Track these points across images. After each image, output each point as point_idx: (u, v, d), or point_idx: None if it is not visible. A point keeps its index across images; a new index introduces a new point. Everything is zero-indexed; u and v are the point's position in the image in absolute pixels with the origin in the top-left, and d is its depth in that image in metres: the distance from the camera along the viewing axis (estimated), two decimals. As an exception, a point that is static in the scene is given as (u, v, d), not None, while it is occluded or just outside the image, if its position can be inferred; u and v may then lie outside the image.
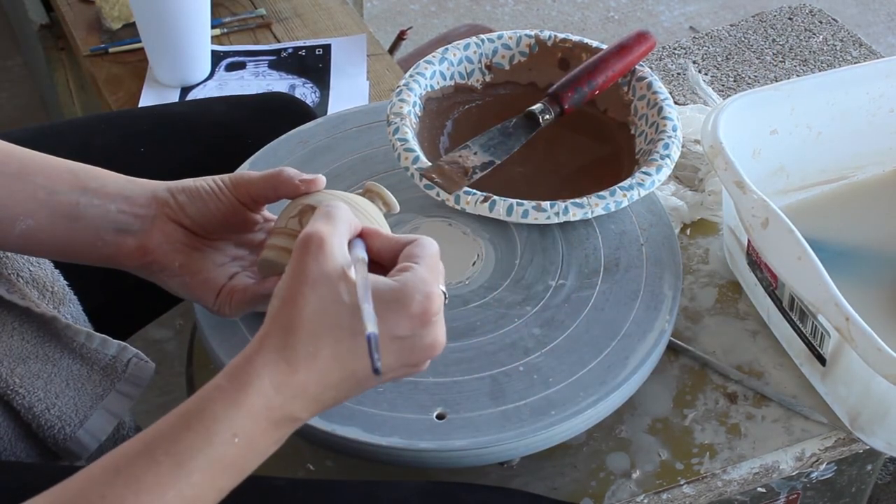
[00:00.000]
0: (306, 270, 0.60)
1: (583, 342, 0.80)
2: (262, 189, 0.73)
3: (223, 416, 0.57)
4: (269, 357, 0.59)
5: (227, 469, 0.58)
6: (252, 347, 0.60)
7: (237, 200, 0.73)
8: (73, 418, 0.77)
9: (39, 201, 0.71)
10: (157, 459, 0.56)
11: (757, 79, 2.14)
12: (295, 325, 0.59)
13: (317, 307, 0.59)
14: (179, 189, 0.73)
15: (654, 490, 0.81)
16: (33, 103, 2.15)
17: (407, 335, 0.61)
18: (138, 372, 0.79)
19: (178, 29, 1.30)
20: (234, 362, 0.59)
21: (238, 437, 0.57)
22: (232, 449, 0.57)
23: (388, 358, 0.61)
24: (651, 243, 0.88)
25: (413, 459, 0.74)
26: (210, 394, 0.58)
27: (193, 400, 0.58)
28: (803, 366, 0.87)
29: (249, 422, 0.58)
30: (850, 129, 0.97)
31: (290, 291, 0.60)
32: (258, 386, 0.58)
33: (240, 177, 0.74)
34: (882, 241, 0.96)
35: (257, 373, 0.58)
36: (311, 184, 0.72)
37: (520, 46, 0.98)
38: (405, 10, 2.50)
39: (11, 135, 0.82)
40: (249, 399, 0.58)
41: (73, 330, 0.77)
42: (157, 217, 0.73)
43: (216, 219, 0.73)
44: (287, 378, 0.59)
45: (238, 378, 0.58)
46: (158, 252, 0.73)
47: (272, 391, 0.58)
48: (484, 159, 0.88)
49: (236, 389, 0.58)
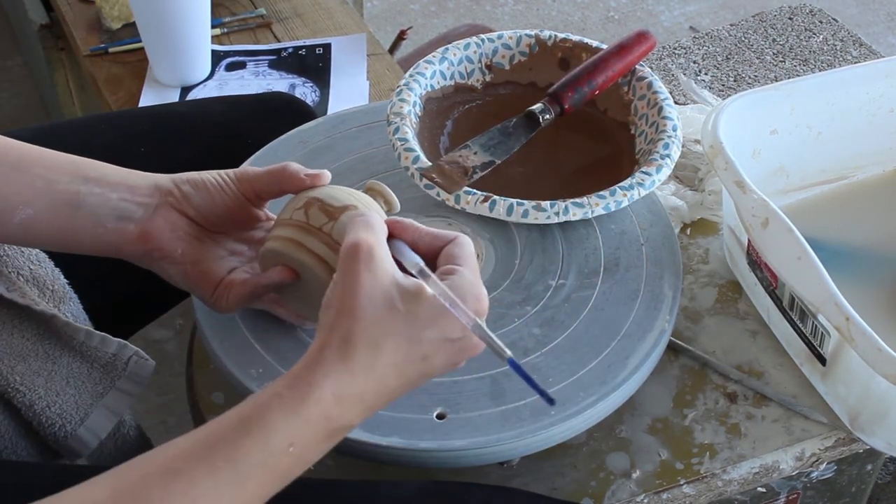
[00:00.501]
0: (360, 280, 0.60)
1: (583, 342, 0.80)
2: (267, 184, 0.73)
3: (282, 425, 0.57)
4: (330, 368, 0.59)
5: (279, 478, 0.58)
6: (311, 357, 0.60)
7: (242, 195, 0.74)
8: (74, 416, 0.77)
9: (38, 190, 0.71)
10: (216, 464, 0.56)
11: (757, 79, 2.14)
12: (354, 335, 0.59)
13: (374, 317, 0.59)
14: (184, 180, 0.73)
15: (654, 490, 0.81)
16: (33, 103, 2.15)
17: (459, 336, 0.62)
18: (138, 370, 0.79)
19: (178, 29, 1.30)
20: (293, 371, 0.59)
21: (294, 446, 0.57)
22: (286, 458, 0.58)
23: (441, 358, 0.62)
24: (651, 243, 0.88)
25: (413, 459, 0.74)
26: (269, 401, 0.58)
27: (252, 405, 0.58)
28: (803, 366, 0.87)
29: (307, 432, 0.58)
30: (850, 129, 0.97)
31: (346, 302, 0.60)
32: (318, 396, 0.58)
33: (244, 171, 0.74)
34: (882, 241, 0.96)
35: (318, 383, 0.58)
36: (316, 178, 0.73)
37: (520, 46, 0.98)
38: (405, 10, 2.50)
39: (12, 135, 0.82)
40: (309, 409, 0.58)
41: (73, 328, 0.77)
42: (161, 205, 0.73)
43: (220, 212, 0.74)
44: (347, 388, 0.59)
45: (298, 388, 0.58)
46: (161, 239, 0.73)
47: (332, 401, 0.58)
48: (484, 159, 0.88)
49: (297, 399, 0.58)
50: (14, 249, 0.79)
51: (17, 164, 0.71)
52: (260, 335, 0.79)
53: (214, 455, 0.56)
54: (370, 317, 0.59)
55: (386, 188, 0.74)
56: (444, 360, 0.62)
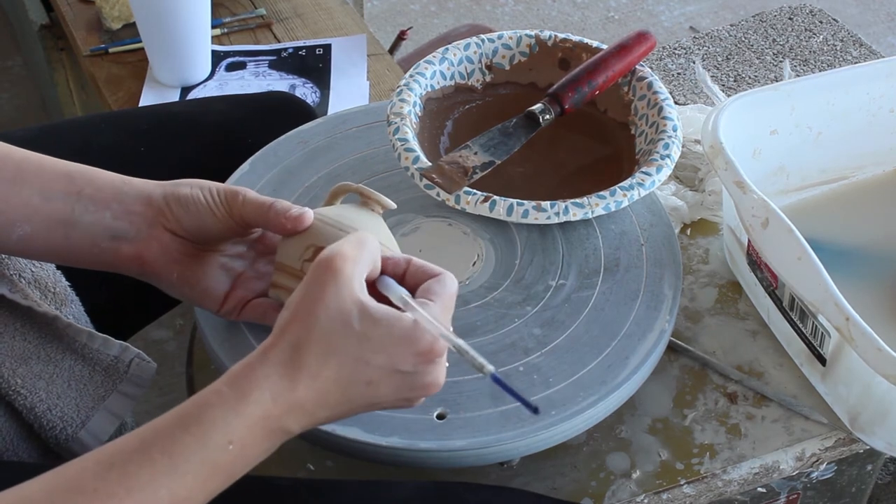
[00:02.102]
0: (323, 291, 0.60)
1: (583, 342, 0.80)
2: (254, 219, 0.72)
3: (221, 423, 0.58)
4: (273, 369, 0.59)
5: (219, 473, 0.58)
6: (256, 357, 0.60)
7: (230, 218, 0.73)
8: (75, 419, 0.77)
9: (34, 208, 0.71)
10: (153, 458, 0.56)
11: (757, 79, 2.14)
12: (303, 343, 0.59)
13: (328, 329, 0.59)
14: (174, 197, 0.72)
15: (654, 490, 0.81)
16: (33, 103, 2.15)
17: (409, 371, 0.62)
18: (140, 372, 0.79)
19: (178, 29, 1.30)
20: (235, 369, 0.60)
21: (233, 443, 0.58)
22: (225, 455, 0.58)
23: (386, 389, 0.62)
24: (651, 243, 0.88)
25: (413, 459, 0.74)
26: (209, 398, 0.58)
27: (192, 402, 0.59)
28: (803, 366, 0.87)
29: (245, 430, 0.58)
30: (850, 129, 0.97)
31: (304, 309, 0.60)
32: (258, 396, 0.58)
33: (234, 196, 0.72)
34: (882, 241, 0.96)
35: (259, 384, 0.59)
36: (296, 221, 0.71)
37: (520, 46, 0.98)
38: (405, 10, 2.50)
39: (12, 135, 0.82)
40: (248, 408, 0.58)
41: (75, 330, 0.77)
42: (153, 225, 0.73)
43: (210, 230, 0.73)
44: (287, 393, 0.59)
45: (239, 386, 0.59)
46: (156, 264, 0.73)
47: (271, 403, 0.59)
48: (484, 159, 0.88)
49: (236, 397, 0.58)
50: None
51: (13, 179, 0.71)
52: (260, 336, 0.79)
53: (151, 448, 0.56)
54: (323, 328, 0.59)
55: (375, 193, 0.74)
56: (392, 392, 0.62)
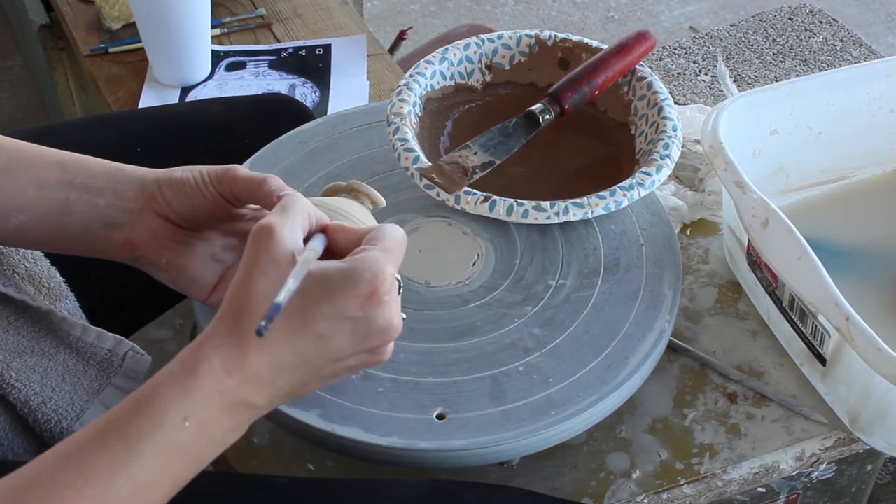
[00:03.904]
0: (258, 257, 0.60)
1: (583, 342, 0.80)
2: (243, 191, 0.72)
3: (173, 400, 0.58)
4: (220, 340, 0.59)
5: (179, 454, 0.58)
6: (205, 333, 0.60)
7: (221, 196, 0.73)
8: (70, 412, 0.77)
9: (29, 197, 0.72)
10: (108, 444, 0.56)
11: (757, 79, 2.14)
12: (245, 308, 0.60)
13: (266, 291, 0.60)
14: (167, 182, 0.73)
15: (654, 490, 0.81)
16: (33, 103, 2.15)
17: (358, 316, 0.61)
18: (134, 365, 0.79)
19: (178, 29, 1.30)
20: (186, 349, 0.60)
21: (189, 420, 0.58)
22: (183, 433, 0.58)
23: (342, 340, 0.61)
24: (651, 243, 0.88)
25: (413, 459, 0.74)
26: (161, 379, 0.59)
27: (146, 386, 0.59)
28: (803, 366, 0.87)
29: (200, 405, 0.58)
30: (850, 129, 0.97)
31: (242, 277, 0.61)
32: (207, 368, 0.58)
33: (225, 172, 0.73)
34: (882, 240, 0.96)
35: (207, 356, 0.59)
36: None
37: (520, 46, 0.98)
38: (405, 10, 2.50)
39: (12, 136, 0.82)
40: (199, 382, 0.58)
41: (69, 323, 0.77)
42: (144, 210, 0.73)
43: (200, 213, 0.73)
44: (238, 361, 0.59)
45: (188, 362, 0.59)
46: (145, 248, 0.73)
47: (223, 374, 0.59)
48: (484, 159, 0.88)
49: (186, 373, 0.58)
50: (9, 248, 0.79)
51: (7, 169, 0.72)
52: (260, 335, 0.79)
53: (106, 435, 0.56)
54: (261, 290, 0.60)
55: (367, 187, 0.75)
56: (349, 343, 0.62)
